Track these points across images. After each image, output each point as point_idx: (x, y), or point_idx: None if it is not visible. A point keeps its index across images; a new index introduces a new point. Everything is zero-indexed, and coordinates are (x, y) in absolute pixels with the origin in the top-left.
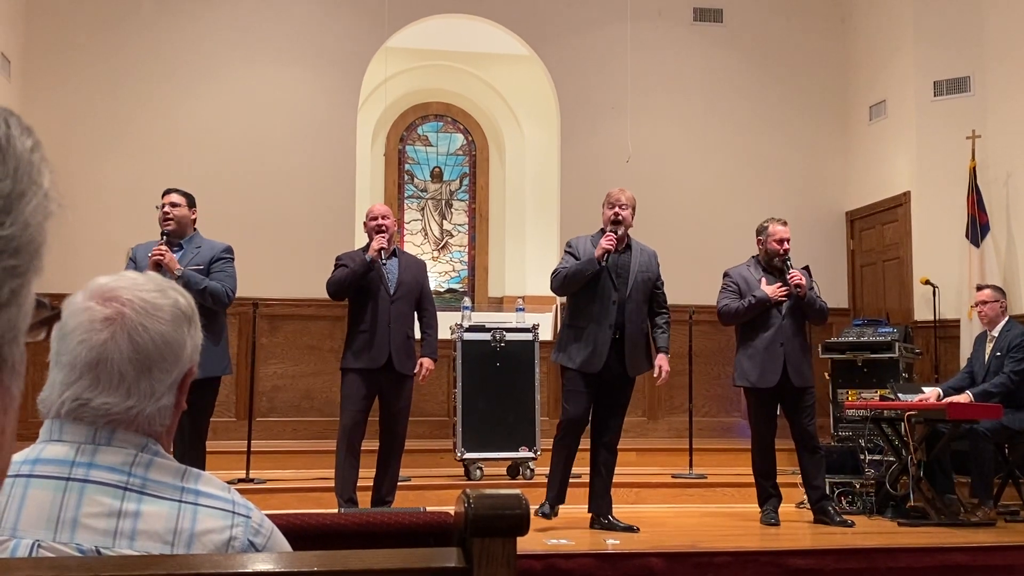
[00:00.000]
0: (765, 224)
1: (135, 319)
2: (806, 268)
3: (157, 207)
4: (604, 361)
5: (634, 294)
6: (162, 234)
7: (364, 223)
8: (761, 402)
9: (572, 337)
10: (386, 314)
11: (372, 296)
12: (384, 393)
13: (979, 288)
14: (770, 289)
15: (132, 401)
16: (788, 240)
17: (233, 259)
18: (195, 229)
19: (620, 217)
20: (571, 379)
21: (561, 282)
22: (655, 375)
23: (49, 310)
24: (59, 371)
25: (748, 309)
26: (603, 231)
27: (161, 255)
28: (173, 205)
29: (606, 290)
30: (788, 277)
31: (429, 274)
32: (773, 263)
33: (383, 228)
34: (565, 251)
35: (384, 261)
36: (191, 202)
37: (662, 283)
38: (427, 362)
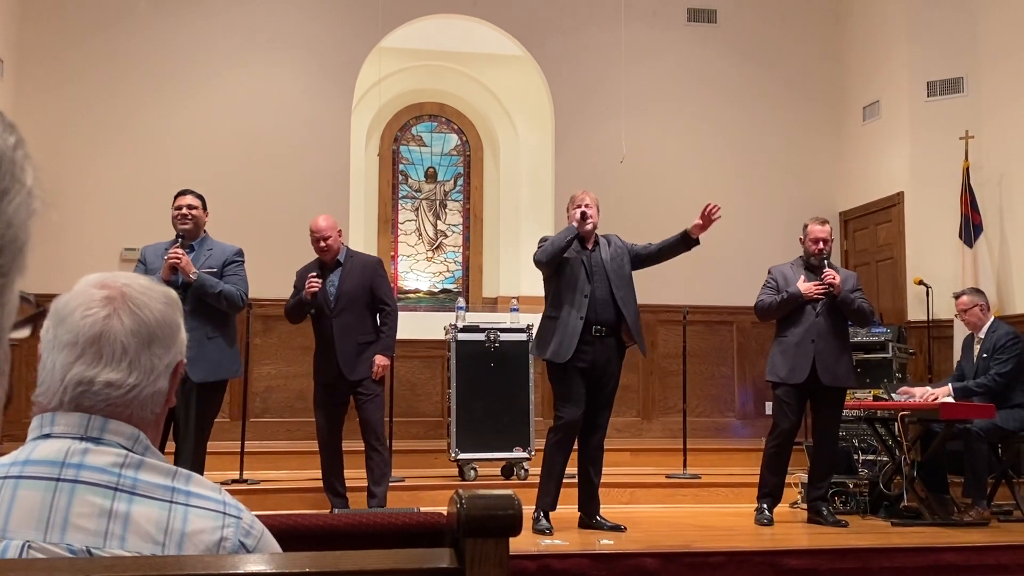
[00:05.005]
0: (806, 223)
1: (135, 296)
2: (855, 275)
3: (176, 208)
4: (574, 350)
5: (613, 283)
6: (177, 236)
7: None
8: (788, 398)
9: (547, 328)
10: (328, 330)
11: (317, 314)
12: (354, 396)
13: (956, 296)
14: (804, 286)
15: (134, 379)
16: (825, 240)
17: (244, 262)
18: (205, 231)
19: (589, 214)
20: (560, 376)
21: (546, 251)
22: (707, 214)
23: (35, 307)
24: (58, 352)
25: (780, 305)
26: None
27: (178, 259)
28: (191, 207)
29: (580, 282)
30: (822, 275)
31: (423, 274)
32: (811, 262)
33: (324, 248)
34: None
35: (315, 292)
36: (204, 204)
37: (634, 245)
38: (379, 359)
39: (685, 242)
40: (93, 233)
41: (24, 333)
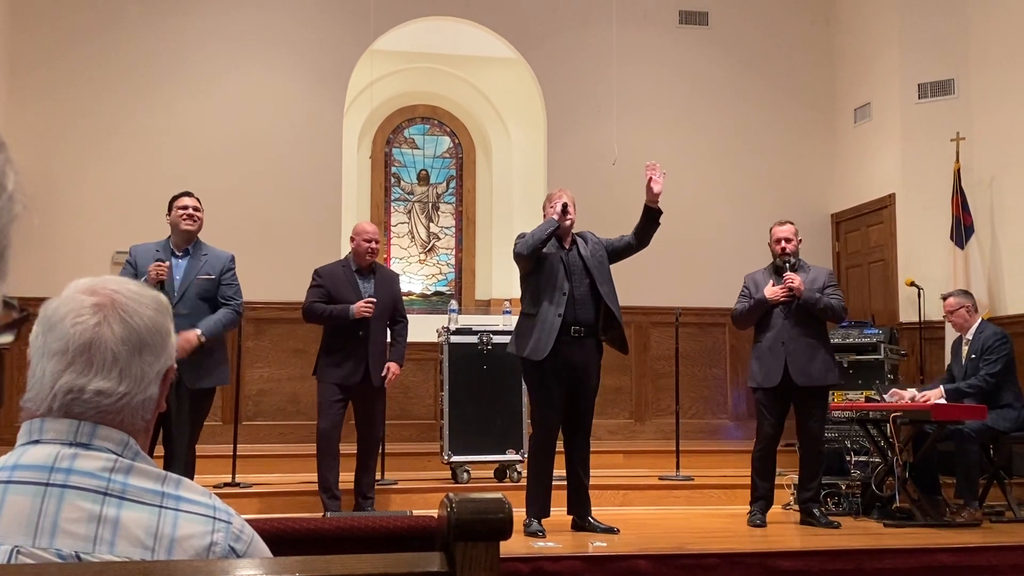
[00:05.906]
0: (771, 227)
1: (125, 303)
2: (829, 271)
3: (183, 208)
4: (551, 347)
5: (596, 279)
6: (168, 238)
7: (352, 238)
8: (767, 402)
9: (525, 325)
10: (364, 334)
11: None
12: (359, 399)
13: (943, 298)
14: (769, 291)
15: (124, 387)
16: (787, 240)
17: (235, 268)
18: (198, 236)
19: (569, 208)
20: (536, 379)
21: (526, 243)
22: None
23: (18, 312)
24: (48, 360)
25: (750, 311)
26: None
27: (183, 348)
28: (196, 208)
29: (559, 279)
30: (783, 278)
31: (416, 276)
32: (776, 264)
33: (373, 251)
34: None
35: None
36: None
37: (609, 239)
38: (393, 366)
39: (649, 216)
40: (85, 236)
41: (8, 339)
